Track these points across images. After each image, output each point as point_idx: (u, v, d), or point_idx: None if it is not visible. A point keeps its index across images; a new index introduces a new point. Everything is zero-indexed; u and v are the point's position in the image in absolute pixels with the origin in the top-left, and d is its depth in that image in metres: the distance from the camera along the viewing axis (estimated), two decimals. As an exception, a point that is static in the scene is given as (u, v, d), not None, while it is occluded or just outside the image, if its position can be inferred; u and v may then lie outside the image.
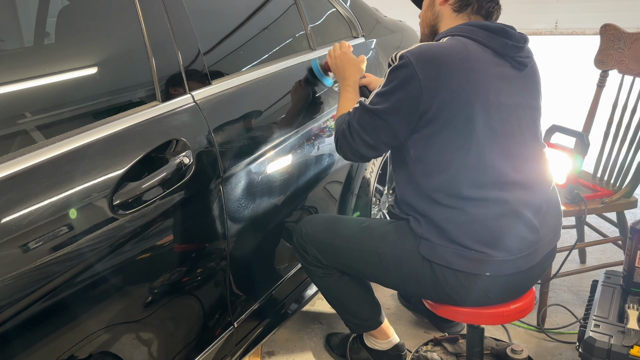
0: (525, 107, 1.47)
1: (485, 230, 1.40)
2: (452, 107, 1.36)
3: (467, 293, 1.46)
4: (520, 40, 1.45)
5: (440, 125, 1.39)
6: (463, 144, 1.39)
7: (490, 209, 1.40)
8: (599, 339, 1.49)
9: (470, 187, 1.40)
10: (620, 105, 2.23)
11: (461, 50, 1.39)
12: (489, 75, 1.40)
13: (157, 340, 1.33)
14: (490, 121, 1.39)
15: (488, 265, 1.41)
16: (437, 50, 1.38)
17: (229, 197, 1.45)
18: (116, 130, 1.19)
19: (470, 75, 1.37)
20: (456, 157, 1.40)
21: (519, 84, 1.46)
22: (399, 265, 1.52)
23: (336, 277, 1.69)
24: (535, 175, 1.48)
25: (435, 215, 1.44)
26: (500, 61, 1.43)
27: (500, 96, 1.41)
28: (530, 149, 1.49)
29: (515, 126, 1.44)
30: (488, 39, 1.41)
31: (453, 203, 1.41)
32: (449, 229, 1.42)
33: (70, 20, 1.41)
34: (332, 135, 1.91)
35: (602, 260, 2.49)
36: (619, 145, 2.19)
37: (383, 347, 1.83)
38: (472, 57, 1.39)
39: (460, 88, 1.36)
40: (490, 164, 1.40)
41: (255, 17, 1.82)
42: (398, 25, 2.62)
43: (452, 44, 1.41)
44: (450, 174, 1.41)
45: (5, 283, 0.95)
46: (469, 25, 1.45)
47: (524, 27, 5.68)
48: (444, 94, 1.36)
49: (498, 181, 1.41)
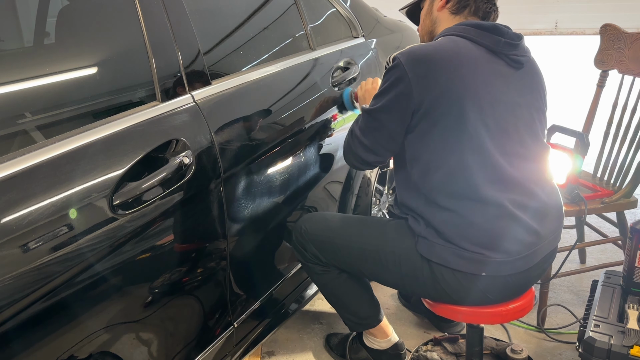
0: (524, 106, 1.47)
1: (482, 233, 1.40)
2: (442, 103, 1.38)
3: (465, 292, 1.46)
4: (514, 38, 1.45)
5: (432, 122, 1.40)
6: (456, 141, 1.39)
7: (487, 212, 1.40)
8: (599, 339, 1.49)
9: (465, 186, 1.40)
10: (620, 105, 2.23)
11: (451, 48, 1.41)
12: (480, 71, 1.41)
13: (157, 340, 1.33)
14: (483, 117, 1.39)
15: (486, 265, 1.41)
16: (427, 50, 1.41)
17: (229, 197, 1.45)
18: (116, 130, 1.19)
19: (460, 71, 1.39)
20: (450, 154, 1.40)
21: (516, 82, 1.46)
22: (397, 263, 1.52)
23: (335, 275, 1.69)
24: (533, 175, 1.48)
25: (433, 217, 1.44)
26: (494, 59, 1.44)
27: (494, 93, 1.41)
28: (529, 148, 1.48)
29: (511, 124, 1.44)
30: (480, 36, 1.43)
31: (450, 204, 1.41)
32: (446, 231, 1.42)
33: (70, 20, 1.41)
34: (332, 135, 1.93)
35: (602, 260, 2.49)
36: (619, 145, 2.19)
37: (382, 346, 1.83)
38: (462, 53, 1.41)
39: (449, 83, 1.38)
40: (485, 161, 1.40)
41: (255, 17, 1.82)
42: (398, 25, 2.62)
43: (443, 42, 1.44)
44: (445, 172, 1.41)
45: (5, 283, 0.95)
46: (462, 24, 1.47)
47: (524, 27, 5.70)
48: (434, 91, 1.38)
49: (494, 179, 1.41)
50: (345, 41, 2.17)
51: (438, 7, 1.54)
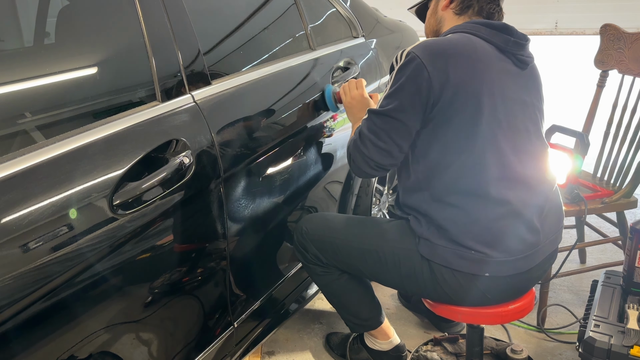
0: (529, 105, 1.48)
1: (486, 230, 1.41)
2: (460, 96, 1.38)
3: (465, 293, 1.46)
4: (522, 38, 1.47)
5: (447, 117, 1.39)
6: (471, 136, 1.39)
7: (492, 209, 1.41)
8: (599, 339, 1.49)
9: (475, 183, 1.40)
10: (620, 105, 2.23)
11: (467, 43, 1.42)
12: (493, 68, 1.42)
13: (157, 340, 1.33)
14: (496, 113, 1.40)
15: (487, 265, 1.41)
16: (443, 43, 1.41)
17: (229, 197, 1.45)
18: (116, 130, 1.19)
19: (477, 66, 1.39)
20: (463, 150, 1.40)
21: (521, 81, 1.48)
22: (397, 263, 1.52)
23: (336, 276, 1.69)
24: (538, 173, 1.49)
25: (437, 214, 1.44)
26: (503, 57, 1.45)
27: (505, 90, 1.42)
28: (535, 146, 1.49)
29: (519, 121, 1.45)
30: (491, 35, 1.44)
31: (456, 201, 1.42)
32: (450, 229, 1.42)
33: (70, 20, 1.41)
34: (332, 135, 1.93)
35: (602, 260, 2.49)
36: (619, 145, 2.19)
37: (383, 348, 1.83)
38: (477, 49, 1.41)
39: (467, 77, 1.38)
40: (500, 158, 1.40)
41: (255, 17, 1.82)
42: (398, 25, 2.62)
43: (457, 37, 1.44)
44: (455, 169, 1.41)
45: (5, 283, 0.95)
46: (472, 22, 1.48)
47: (524, 27, 5.68)
48: (453, 83, 1.37)
49: (503, 176, 1.41)
50: (345, 41, 2.17)
51: (442, 6, 1.55)
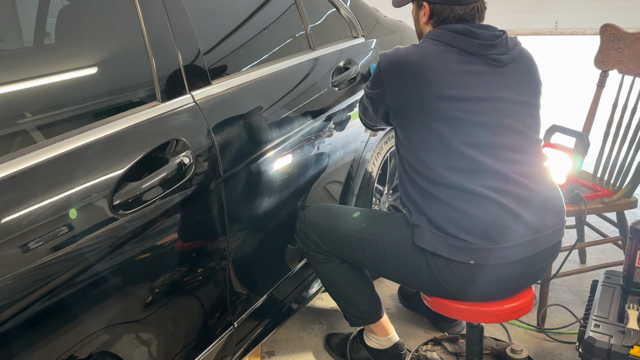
0: (507, 101, 1.52)
1: (465, 218, 1.45)
2: (410, 102, 1.51)
3: (460, 284, 1.49)
4: (489, 39, 1.51)
5: (405, 118, 1.54)
6: (430, 134, 1.49)
7: (469, 197, 1.46)
8: (599, 339, 1.49)
9: (447, 175, 1.47)
10: (620, 105, 2.23)
11: (419, 52, 1.53)
12: (450, 71, 1.49)
13: (157, 340, 1.33)
14: (455, 112, 1.48)
15: (472, 253, 1.45)
16: (400, 53, 1.54)
17: (229, 197, 1.45)
18: (116, 130, 1.19)
19: (426, 73, 1.48)
20: (428, 146, 1.50)
21: (497, 79, 1.52)
22: (395, 254, 1.57)
23: (336, 264, 1.73)
24: (519, 167, 1.50)
25: (422, 203, 1.52)
26: (471, 59, 1.51)
27: (468, 90, 1.49)
28: (512, 139, 1.51)
29: (489, 117, 1.49)
30: (455, 40, 1.52)
31: (435, 191, 1.49)
32: (434, 217, 1.48)
33: (70, 20, 1.41)
34: (332, 135, 1.94)
35: (602, 260, 2.49)
36: (619, 145, 2.19)
37: (383, 345, 1.83)
38: (429, 56, 1.51)
39: (415, 84, 1.50)
40: (462, 151, 1.47)
41: (256, 17, 1.82)
42: (398, 25, 2.62)
43: (416, 49, 1.55)
44: (427, 162, 1.50)
45: (5, 283, 0.95)
46: (439, 28, 1.56)
47: (524, 27, 5.70)
48: (402, 91, 1.52)
49: (473, 169, 1.47)
50: (345, 41, 2.17)
51: (423, 21, 1.63)
